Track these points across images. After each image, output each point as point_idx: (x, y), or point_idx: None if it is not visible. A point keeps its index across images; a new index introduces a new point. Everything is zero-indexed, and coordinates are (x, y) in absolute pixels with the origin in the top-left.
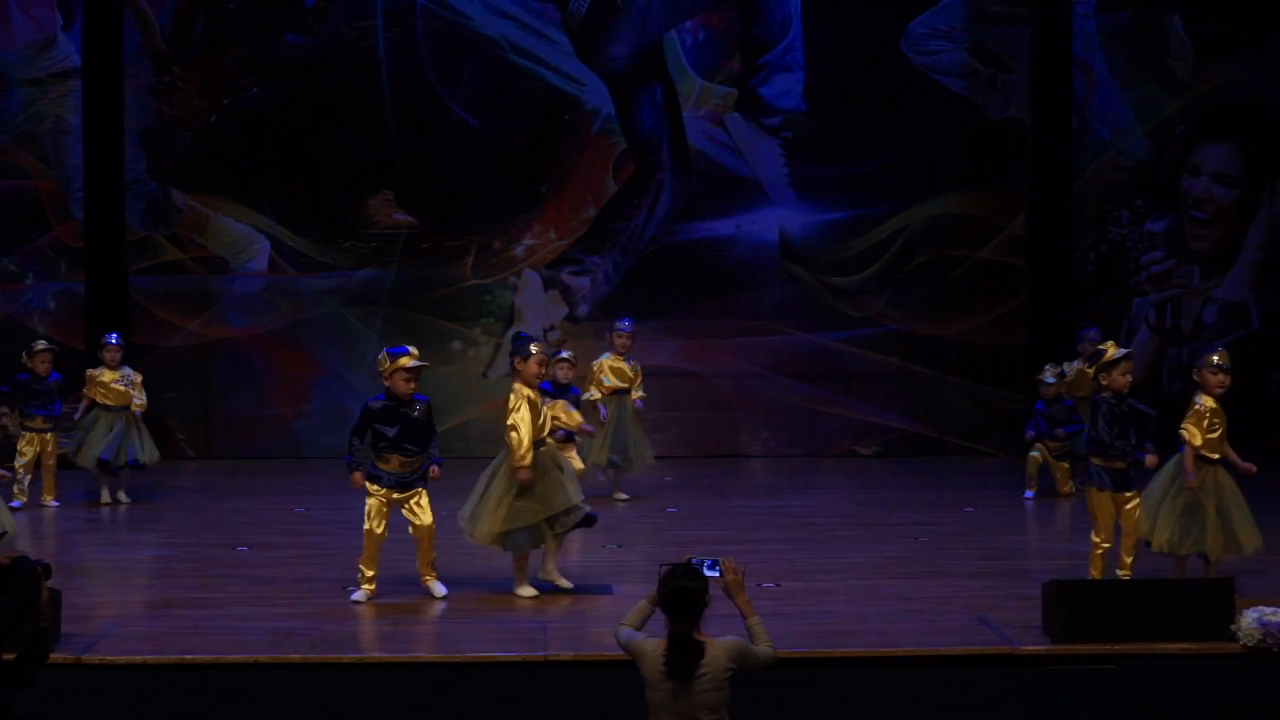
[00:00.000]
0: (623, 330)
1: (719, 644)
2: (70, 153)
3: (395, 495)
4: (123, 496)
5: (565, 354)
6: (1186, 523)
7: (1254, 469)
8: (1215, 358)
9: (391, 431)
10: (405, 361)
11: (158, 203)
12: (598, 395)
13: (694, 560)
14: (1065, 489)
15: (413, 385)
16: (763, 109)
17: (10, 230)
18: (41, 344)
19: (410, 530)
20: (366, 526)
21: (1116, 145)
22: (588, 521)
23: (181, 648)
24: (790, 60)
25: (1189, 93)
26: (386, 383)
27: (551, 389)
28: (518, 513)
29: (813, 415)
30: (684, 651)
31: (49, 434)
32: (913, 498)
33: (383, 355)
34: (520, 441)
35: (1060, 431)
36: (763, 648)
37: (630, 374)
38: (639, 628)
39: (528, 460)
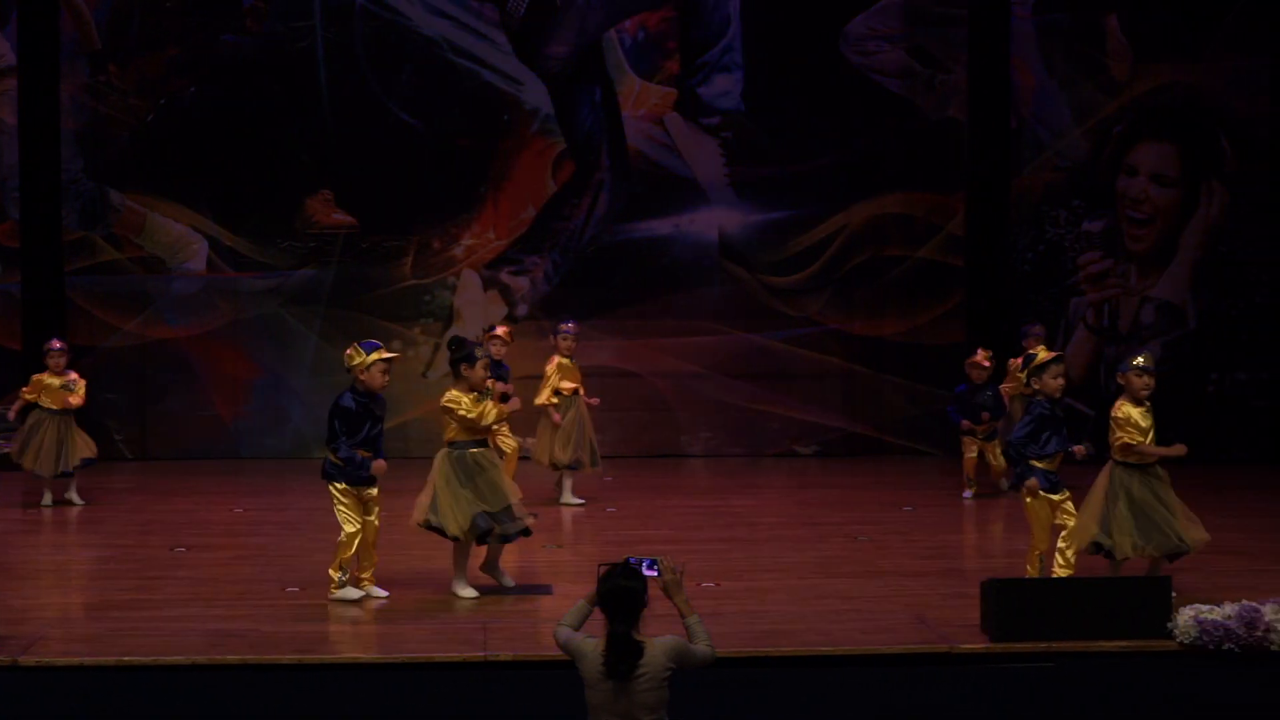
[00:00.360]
0: (567, 332)
1: (657, 643)
2: (6, 152)
3: (357, 489)
4: (75, 498)
5: (499, 330)
6: (1144, 526)
7: (1184, 449)
8: (1139, 360)
9: (365, 429)
10: (384, 353)
11: (94, 202)
12: (552, 400)
13: (632, 560)
14: (999, 475)
15: (388, 378)
16: (702, 109)
17: None
18: None
19: (356, 530)
20: (352, 529)
21: (1054, 146)
22: (525, 532)
23: (120, 649)
24: (729, 61)
25: (1126, 93)
26: (363, 377)
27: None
28: (465, 502)
29: (753, 415)
30: (622, 651)
31: None
32: (852, 497)
33: (355, 350)
34: (473, 412)
35: (985, 415)
36: (702, 647)
37: (578, 374)
38: (577, 628)
39: (490, 415)
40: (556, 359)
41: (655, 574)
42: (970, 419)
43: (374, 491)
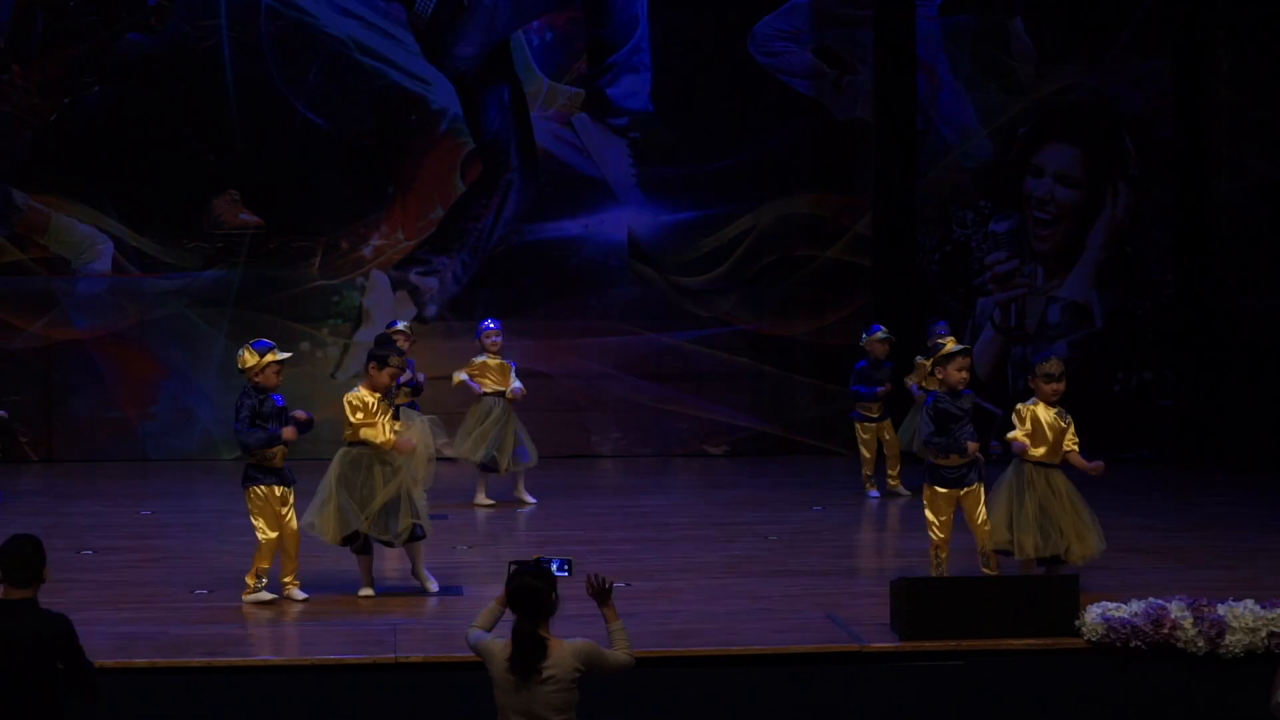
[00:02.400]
0: (490, 329)
1: (567, 645)
2: None
3: (279, 491)
4: None
5: (400, 324)
6: (1044, 526)
7: (1101, 466)
8: (1048, 366)
9: (274, 428)
10: (276, 354)
11: None
12: (462, 379)
13: (543, 560)
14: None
15: (281, 378)
16: (610, 109)
17: None
18: None
19: (275, 535)
20: (269, 536)
21: (960, 146)
22: (417, 535)
23: None
24: (637, 61)
25: (1031, 95)
26: (257, 378)
27: None
28: (346, 513)
29: (662, 415)
30: (527, 648)
31: None
32: (762, 497)
33: (247, 352)
34: (377, 438)
35: (887, 388)
36: (620, 653)
37: (508, 373)
38: (489, 629)
39: (380, 436)
40: (485, 358)
41: (565, 574)
42: (869, 394)
43: (291, 493)
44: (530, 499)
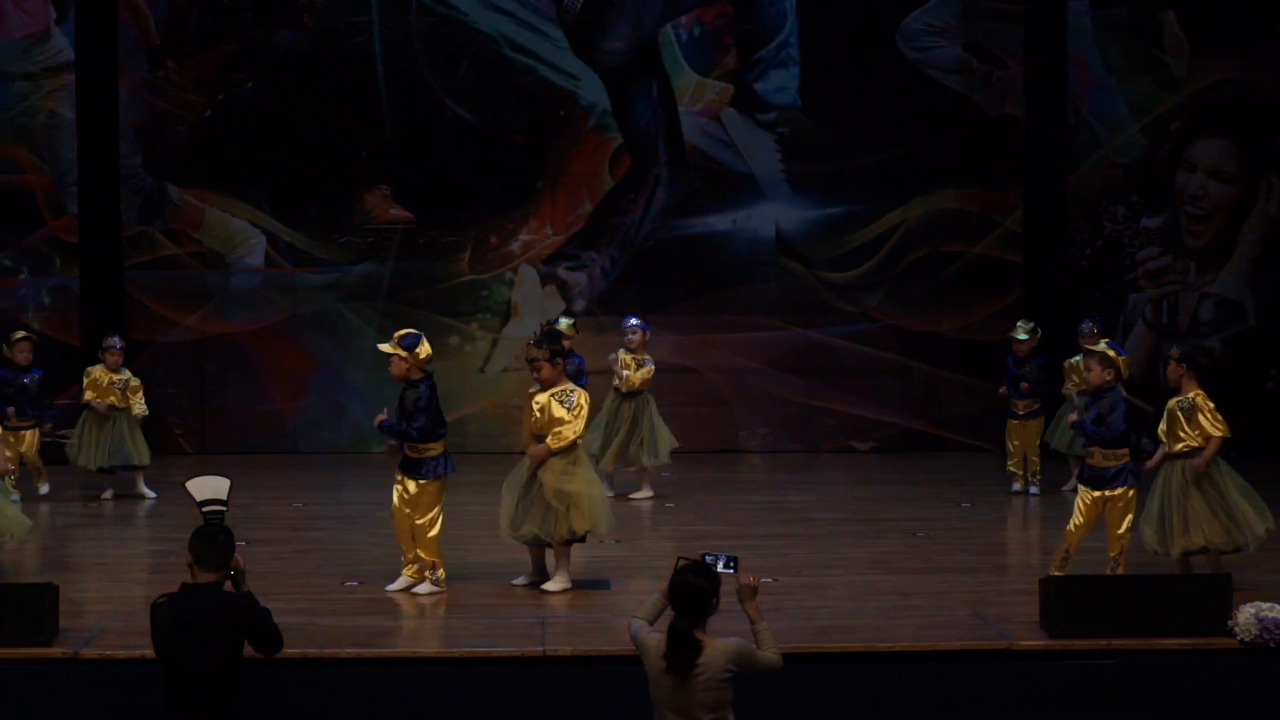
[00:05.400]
0: (627, 325)
1: (719, 644)
2: (65, 147)
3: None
4: (146, 490)
5: (563, 321)
6: (1178, 521)
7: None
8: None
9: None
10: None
11: (153, 198)
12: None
13: (709, 556)
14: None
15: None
16: (758, 105)
17: (4, 225)
18: (19, 334)
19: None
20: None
21: (1111, 141)
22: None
23: None
24: (785, 56)
25: (1184, 89)
26: (429, 367)
27: None
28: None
29: (810, 411)
30: (680, 646)
31: (29, 431)
32: (910, 493)
33: (426, 342)
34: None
35: (1025, 386)
36: (768, 654)
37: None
38: (652, 621)
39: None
40: (624, 354)
41: (731, 572)
42: (1011, 391)
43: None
44: (643, 495)
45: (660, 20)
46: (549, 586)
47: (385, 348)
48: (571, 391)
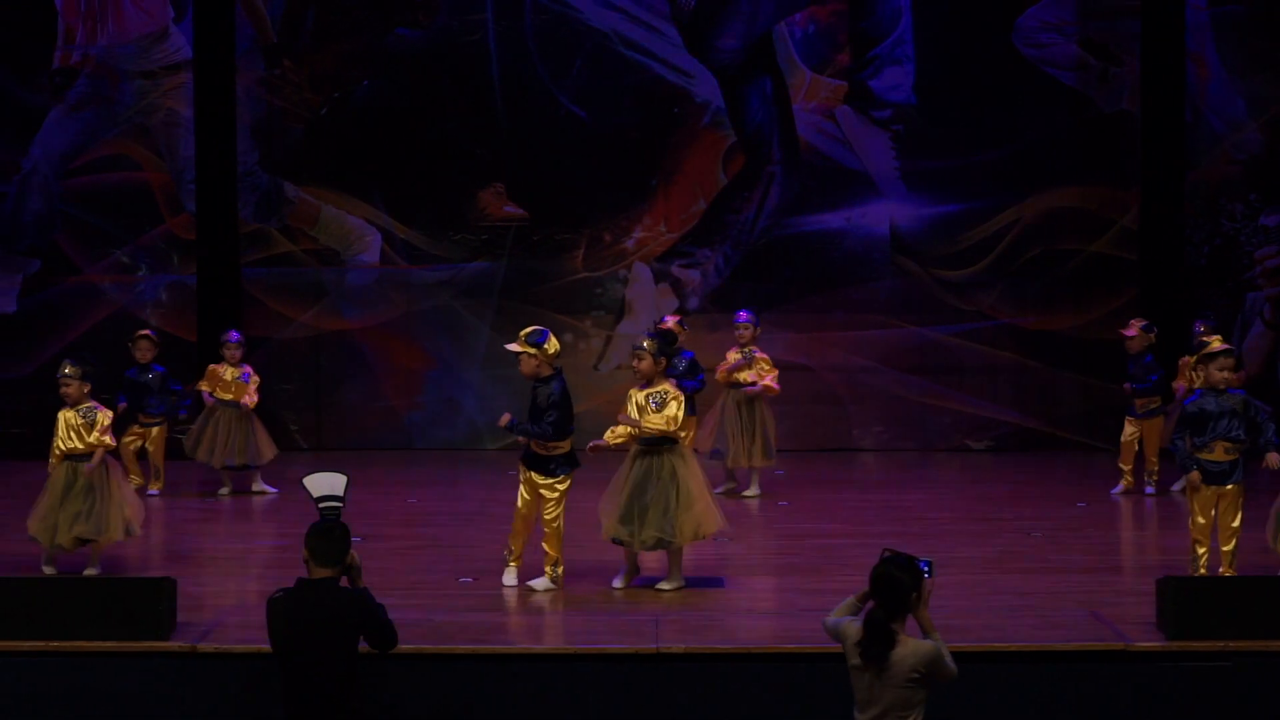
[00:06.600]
0: (736, 320)
1: (913, 644)
2: (182, 145)
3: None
4: (265, 486)
5: (669, 321)
6: None
7: None
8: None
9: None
10: None
11: (269, 195)
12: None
13: (922, 561)
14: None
15: None
16: (873, 102)
17: (123, 222)
18: (141, 332)
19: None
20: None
21: (1230, 139)
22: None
23: None
24: (900, 53)
25: None
26: (557, 363)
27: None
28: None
29: (924, 409)
30: (875, 636)
31: (155, 428)
32: (1025, 492)
33: (554, 338)
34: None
35: (1127, 386)
36: (950, 663)
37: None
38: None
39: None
40: (735, 350)
41: (925, 574)
42: (1129, 389)
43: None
44: (753, 491)
45: (774, 17)
46: (663, 586)
47: (514, 347)
48: (666, 393)
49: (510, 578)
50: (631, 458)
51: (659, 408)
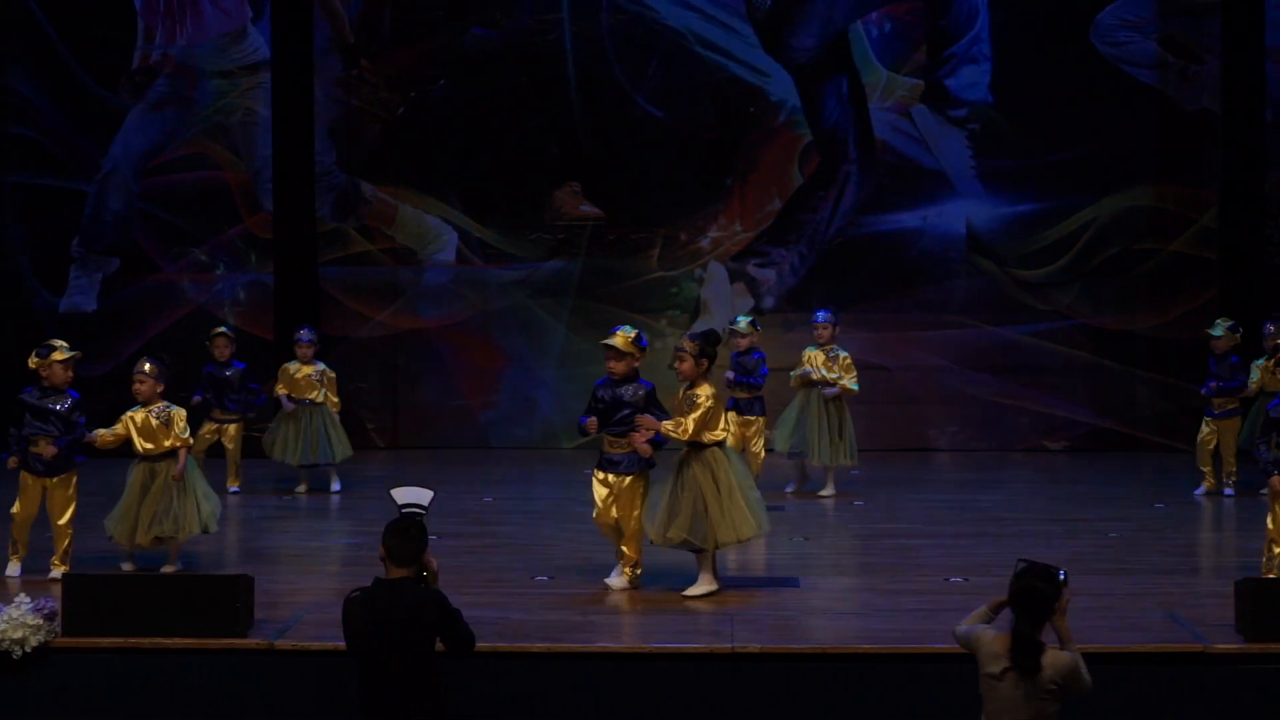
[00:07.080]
0: (815, 320)
1: (1053, 654)
2: (260, 144)
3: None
4: (335, 484)
5: (741, 321)
6: None
7: None
8: None
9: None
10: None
11: (346, 194)
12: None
13: (1061, 572)
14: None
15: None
16: (949, 101)
17: (201, 221)
18: (218, 329)
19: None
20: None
21: None
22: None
23: None
24: (977, 52)
25: None
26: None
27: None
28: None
29: (1001, 409)
30: (1025, 648)
31: (233, 425)
32: (1102, 493)
33: (632, 337)
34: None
35: (1214, 385)
36: (1085, 675)
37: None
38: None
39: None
40: (813, 349)
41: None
42: (1205, 389)
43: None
44: (828, 491)
45: (851, 16)
46: (691, 591)
47: (614, 342)
48: (695, 397)
49: (617, 580)
50: (676, 460)
51: (688, 411)
